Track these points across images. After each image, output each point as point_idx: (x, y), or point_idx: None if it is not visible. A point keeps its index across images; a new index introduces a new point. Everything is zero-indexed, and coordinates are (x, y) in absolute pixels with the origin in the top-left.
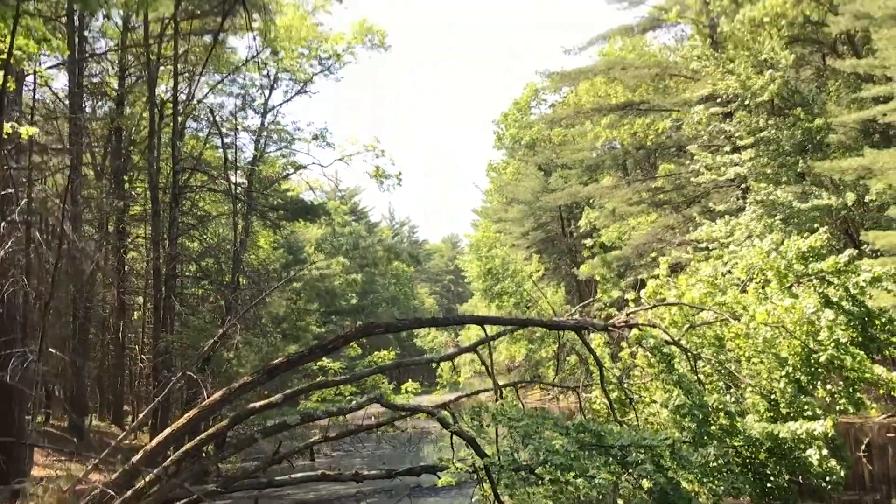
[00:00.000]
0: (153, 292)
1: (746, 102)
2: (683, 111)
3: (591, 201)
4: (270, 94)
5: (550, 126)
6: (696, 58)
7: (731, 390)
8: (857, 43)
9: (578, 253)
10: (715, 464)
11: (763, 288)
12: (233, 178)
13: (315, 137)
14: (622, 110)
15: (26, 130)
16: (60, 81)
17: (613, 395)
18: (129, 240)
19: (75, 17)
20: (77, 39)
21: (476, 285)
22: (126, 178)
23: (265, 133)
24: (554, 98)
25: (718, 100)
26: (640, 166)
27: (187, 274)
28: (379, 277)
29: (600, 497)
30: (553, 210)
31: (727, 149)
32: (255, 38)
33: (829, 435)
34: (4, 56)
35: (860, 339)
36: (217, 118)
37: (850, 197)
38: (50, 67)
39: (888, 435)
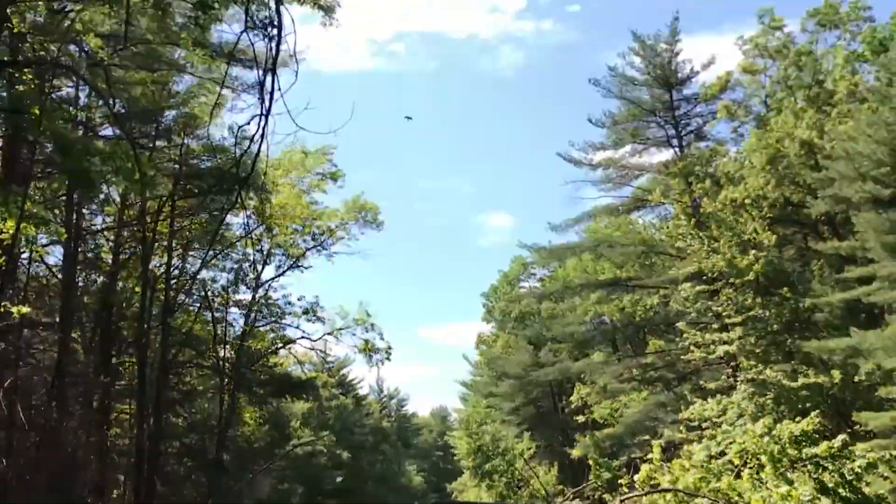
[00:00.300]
0: (135, 472)
1: (732, 281)
2: (671, 289)
3: (582, 377)
4: (263, 268)
5: (539, 300)
6: (681, 237)
7: None
8: (837, 224)
9: (571, 430)
10: None
11: (758, 473)
12: (221, 353)
13: (305, 312)
14: (610, 287)
15: (18, 309)
16: (55, 256)
17: None
18: (114, 415)
19: (74, 195)
20: (74, 217)
21: (466, 463)
22: (114, 352)
23: (256, 308)
24: (542, 272)
25: (704, 278)
26: (630, 342)
27: (171, 450)
28: (366, 454)
29: None
30: (544, 385)
31: (715, 326)
32: (250, 216)
33: None
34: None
35: None
36: (209, 293)
37: (836, 375)
38: (45, 245)
39: None
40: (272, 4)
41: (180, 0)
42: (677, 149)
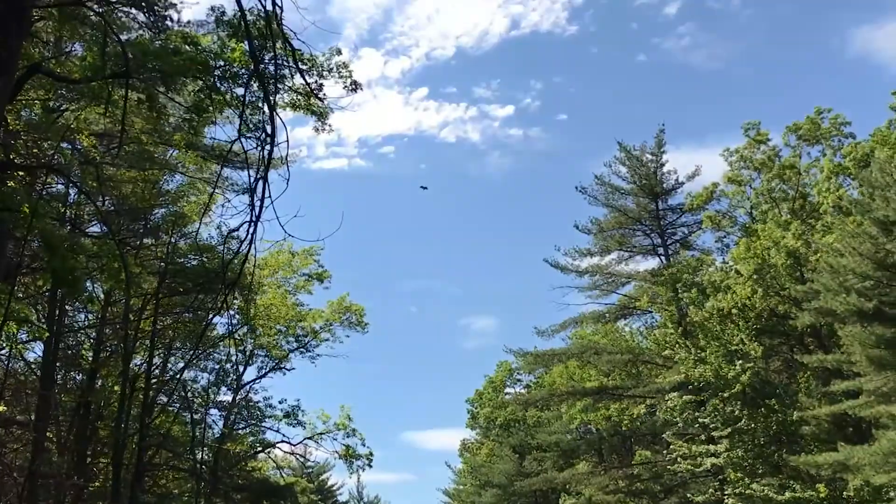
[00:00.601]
0: None
1: (719, 392)
2: (657, 398)
3: (567, 487)
4: (245, 370)
5: (525, 407)
6: (668, 345)
7: None
8: (823, 337)
9: None
10: None
11: None
12: (199, 456)
13: (286, 415)
14: (596, 395)
15: None
16: (34, 352)
17: None
18: None
19: (58, 292)
20: (57, 313)
21: None
22: (89, 452)
23: (236, 410)
24: (528, 378)
25: (691, 388)
26: (616, 452)
27: None
28: None
29: None
30: (529, 496)
31: (702, 437)
32: (234, 316)
33: None
34: None
35: None
36: (189, 394)
37: (823, 490)
38: (26, 341)
39: None
40: (265, 109)
41: (175, 102)
42: (663, 257)
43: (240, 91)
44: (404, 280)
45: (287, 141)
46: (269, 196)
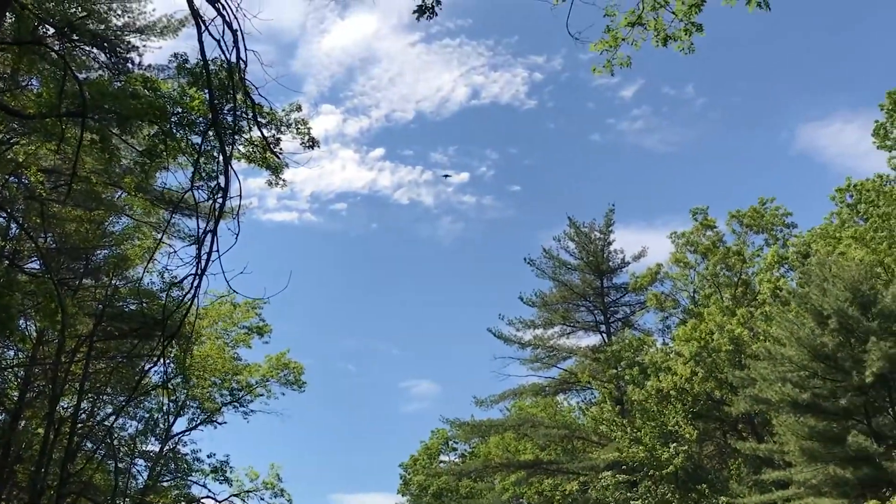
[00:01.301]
0: None
1: (652, 473)
2: (591, 475)
3: None
4: (175, 420)
5: (458, 477)
6: (605, 422)
7: None
8: (757, 424)
9: None
10: None
11: None
12: None
13: (214, 470)
14: (531, 468)
15: None
16: None
17: None
18: None
19: None
20: None
21: None
22: (3, 497)
23: (162, 461)
24: (464, 447)
25: (625, 467)
26: None
27: None
28: None
29: None
30: None
31: None
32: (169, 365)
33: None
34: None
35: None
36: (115, 441)
37: None
38: None
39: None
40: (221, 160)
41: (128, 144)
42: (605, 335)
43: (196, 139)
44: (346, 338)
45: (240, 195)
46: (217, 250)
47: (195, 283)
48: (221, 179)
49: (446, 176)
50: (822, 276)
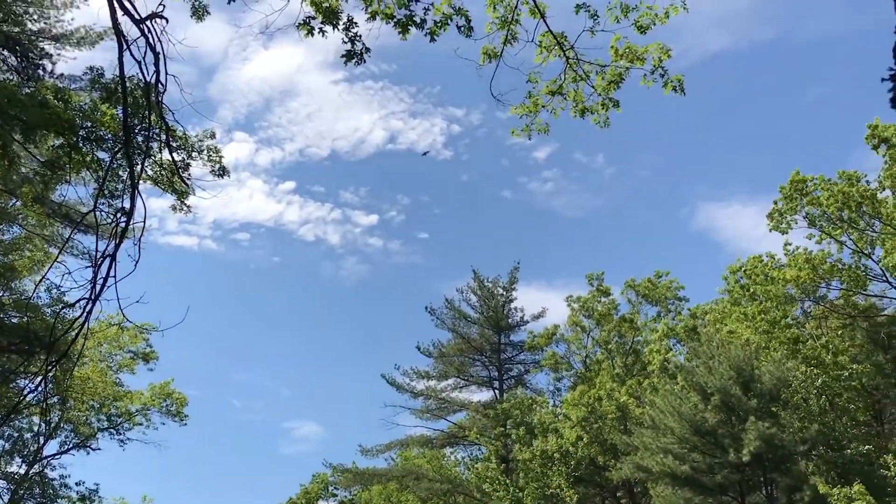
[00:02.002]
0: None
1: None
2: None
3: None
4: (46, 442)
5: None
6: (488, 480)
7: None
8: (636, 494)
9: None
10: None
11: None
12: None
13: (81, 499)
14: None
15: None
16: None
17: None
18: None
19: None
20: None
21: None
22: None
23: (27, 484)
24: (344, 493)
25: None
26: None
27: None
28: None
29: None
30: None
31: None
32: (45, 383)
33: None
34: None
35: None
36: None
37: None
38: None
39: None
40: (126, 179)
41: (29, 152)
42: (498, 391)
43: (102, 155)
44: (236, 371)
45: (144, 221)
46: (114, 276)
47: (87, 309)
48: (126, 201)
49: (425, 153)
50: (709, 353)
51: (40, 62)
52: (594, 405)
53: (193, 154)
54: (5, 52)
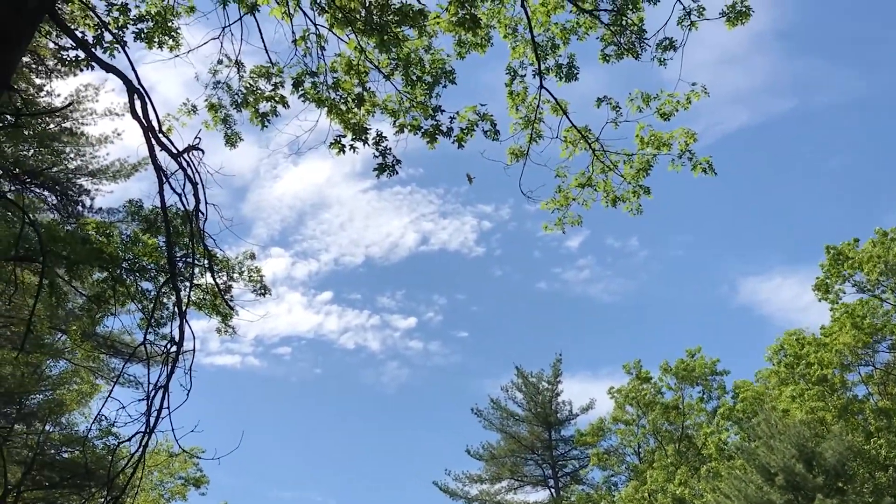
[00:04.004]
0: None
1: None
2: None
3: None
4: None
5: None
6: None
7: None
8: None
9: None
10: None
11: None
12: None
13: None
14: None
15: None
16: None
17: None
18: None
19: None
20: None
21: None
22: None
23: None
24: None
25: None
26: None
27: None
28: None
29: None
30: None
31: None
32: None
33: None
34: None
35: None
36: None
37: None
38: None
39: None
40: (171, 308)
41: (73, 288)
42: (553, 490)
43: (146, 285)
44: (282, 489)
45: (193, 349)
46: (167, 407)
47: (143, 442)
48: (174, 330)
49: (469, 178)
50: (769, 433)
51: (79, 199)
52: (650, 499)
53: (234, 276)
54: (45, 192)
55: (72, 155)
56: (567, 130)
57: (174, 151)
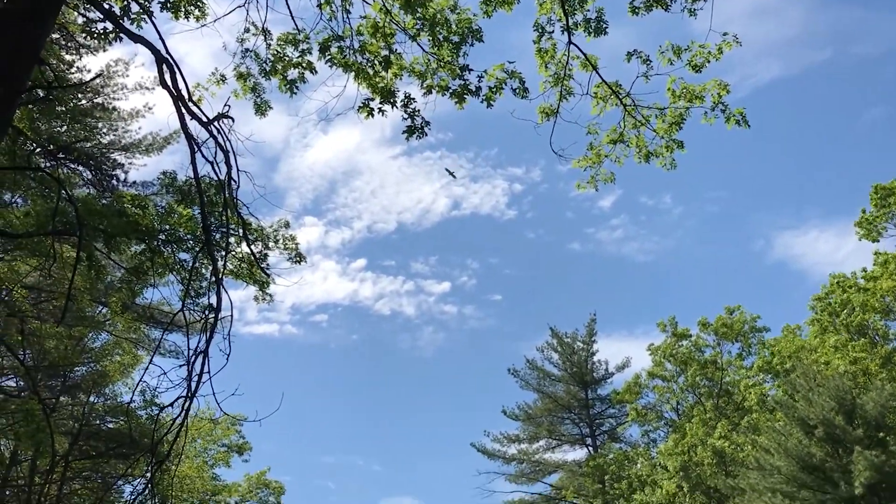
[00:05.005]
0: None
1: None
2: None
3: None
4: None
5: None
6: None
7: None
8: None
9: None
10: None
11: None
12: None
13: None
14: None
15: None
16: None
17: None
18: None
19: None
20: None
21: None
22: None
23: None
24: None
25: None
26: None
27: None
28: None
29: None
30: None
31: None
32: (145, 488)
33: None
34: None
35: None
36: None
37: None
38: None
39: None
40: (210, 277)
41: (113, 261)
42: (591, 448)
43: (184, 255)
44: (324, 454)
45: (231, 315)
46: (208, 371)
47: (185, 406)
48: (212, 298)
49: (450, 173)
50: (808, 386)
51: (114, 173)
52: (689, 454)
53: (270, 244)
54: (80, 167)
55: (104, 130)
56: (597, 86)
57: (204, 120)
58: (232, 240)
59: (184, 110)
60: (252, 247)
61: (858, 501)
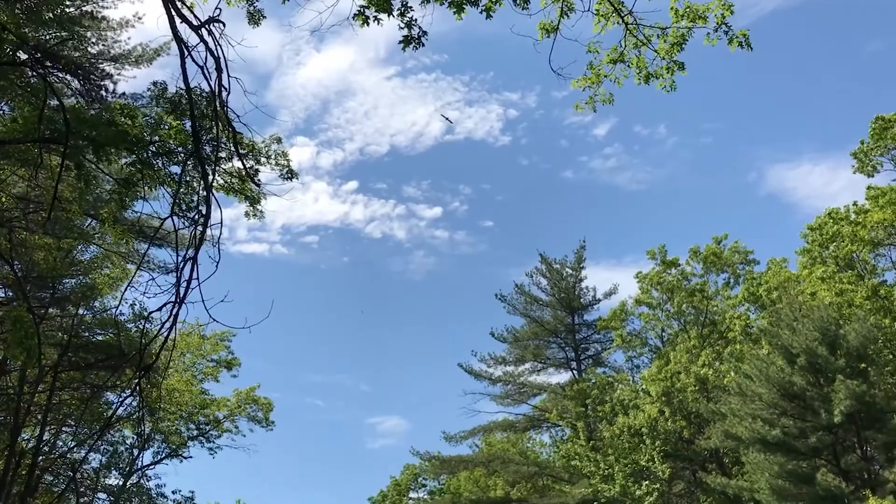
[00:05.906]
0: None
1: None
2: None
3: None
4: (140, 454)
5: None
6: (578, 457)
7: None
8: (725, 463)
9: None
10: None
11: None
12: None
13: None
14: None
15: None
16: None
17: None
18: None
19: None
20: None
21: None
22: None
23: (126, 495)
24: (433, 484)
25: None
26: None
27: None
28: None
29: None
30: None
31: None
32: (133, 397)
33: None
34: None
35: None
36: (77, 475)
37: None
38: None
39: None
40: (200, 190)
41: (103, 172)
42: (576, 371)
43: (175, 169)
44: (313, 373)
45: (220, 223)
46: (197, 278)
47: (174, 311)
48: (203, 209)
49: (447, 119)
50: (792, 316)
51: (102, 83)
52: (672, 380)
53: (262, 159)
54: (69, 77)
55: (93, 39)
56: (599, 3)
57: (195, 23)
58: (223, 155)
59: (173, 12)
60: (244, 161)
61: (837, 429)
